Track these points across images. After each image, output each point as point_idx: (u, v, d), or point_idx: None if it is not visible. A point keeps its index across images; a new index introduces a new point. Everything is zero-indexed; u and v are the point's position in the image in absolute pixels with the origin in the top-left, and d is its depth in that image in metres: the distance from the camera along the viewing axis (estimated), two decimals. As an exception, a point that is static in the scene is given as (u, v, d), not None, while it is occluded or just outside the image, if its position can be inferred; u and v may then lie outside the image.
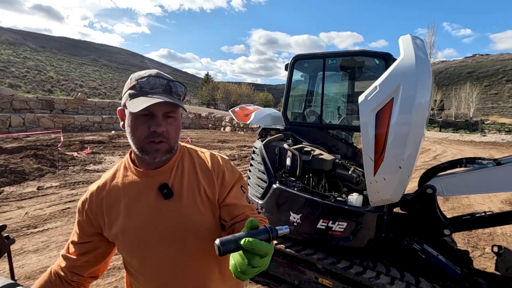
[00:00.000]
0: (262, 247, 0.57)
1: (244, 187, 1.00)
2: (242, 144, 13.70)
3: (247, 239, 0.57)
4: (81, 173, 6.98)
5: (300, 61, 3.19)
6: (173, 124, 0.85)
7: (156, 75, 0.83)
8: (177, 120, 0.87)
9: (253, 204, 0.99)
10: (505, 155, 7.73)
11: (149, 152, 0.83)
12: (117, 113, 0.89)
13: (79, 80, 43.60)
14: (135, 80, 0.83)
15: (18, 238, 3.58)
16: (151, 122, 0.81)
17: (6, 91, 16.42)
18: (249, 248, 0.57)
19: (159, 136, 0.81)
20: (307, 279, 2.34)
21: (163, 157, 0.85)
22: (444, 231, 2.13)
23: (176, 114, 0.86)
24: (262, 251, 0.57)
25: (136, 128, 0.82)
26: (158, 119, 0.81)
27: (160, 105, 0.79)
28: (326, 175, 2.68)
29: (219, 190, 0.93)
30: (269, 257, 0.60)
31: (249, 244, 0.57)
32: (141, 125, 0.81)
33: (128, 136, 0.85)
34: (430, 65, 1.71)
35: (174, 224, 0.87)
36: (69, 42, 77.22)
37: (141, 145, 0.83)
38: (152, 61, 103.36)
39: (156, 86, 0.82)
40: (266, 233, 0.62)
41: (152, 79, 0.82)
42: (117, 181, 0.92)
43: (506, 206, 5.79)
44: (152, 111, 0.80)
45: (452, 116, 46.09)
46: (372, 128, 1.77)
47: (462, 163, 2.26)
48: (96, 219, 0.91)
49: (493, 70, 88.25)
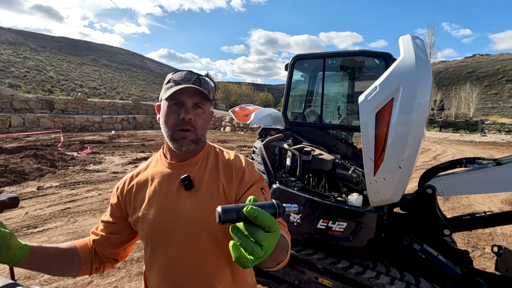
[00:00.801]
0: (266, 217, 0.53)
1: (265, 189, 0.98)
2: (242, 144, 13.70)
3: (251, 206, 0.53)
4: (81, 173, 6.98)
5: (300, 61, 3.19)
6: (201, 116, 0.92)
7: (189, 71, 0.94)
8: (205, 112, 0.94)
9: None
10: (505, 155, 7.73)
11: (177, 140, 0.90)
12: (155, 108, 1.00)
13: (79, 80, 43.59)
14: (171, 75, 0.95)
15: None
16: (180, 110, 0.89)
17: (6, 91, 16.43)
18: (252, 215, 0.52)
19: (187, 124, 0.89)
20: (307, 279, 2.34)
21: (189, 146, 0.91)
22: (444, 231, 2.13)
23: (204, 107, 0.93)
24: (266, 222, 0.52)
25: (168, 116, 0.90)
26: (187, 108, 0.89)
27: (189, 95, 0.88)
28: (326, 175, 2.68)
29: (237, 188, 0.94)
30: (274, 237, 0.55)
31: (252, 211, 0.52)
32: (172, 113, 0.90)
33: (162, 127, 0.93)
34: (430, 65, 1.71)
35: (188, 215, 0.89)
36: (69, 42, 77.20)
37: (171, 133, 0.90)
38: (152, 61, 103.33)
39: (187, 79, 0.92)
40: (273, 207, 0.57)
41: (185, 73, 0.93)
42: (148, 171, 1.00)
43: (506, 206, 5.79)
44: (182, 100, 0.89)
45: (452, 116, 46.09)
46: (372, 128, 1.76)
47: (462, 163, 2.26)
48: (125, 204, 0.99)
49: (493, 70, 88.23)
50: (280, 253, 0.74)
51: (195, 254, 0.89)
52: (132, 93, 44.83)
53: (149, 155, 9.99)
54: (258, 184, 0.97)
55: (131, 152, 10.42)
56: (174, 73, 0.95)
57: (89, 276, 2.91)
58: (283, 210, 0.59)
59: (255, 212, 0.52)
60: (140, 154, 10.06)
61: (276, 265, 0.77)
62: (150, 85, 64.30)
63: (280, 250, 0.74)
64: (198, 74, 0.95)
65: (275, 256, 0.72)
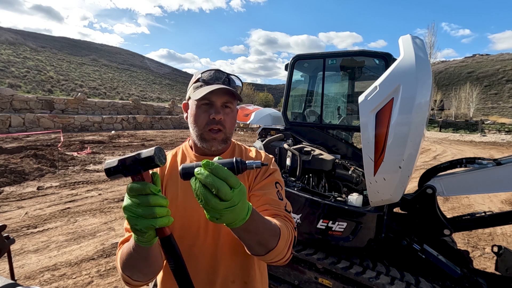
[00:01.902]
0: (220, 169, 0.55)
1: (280, 183, 0.98)
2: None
3: (207, 159, 0.56)
4: (81, 173, 6.98)
5: (300, 61, 3.19)
6: (229, 115, 0.93)
7: (217, 69, 0.95)
8: (233, 111, 0.96)
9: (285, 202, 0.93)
10: (505, 155, 7.73)
11: (207, 140, 0.91)
12: (182, 106, 1.01)
13: (79, 80, 43.57)
14: (200, 74, 0.95)
15: (18, 238, 3.58)
16: (211, 110, 0.89)
17: (6, 91, 16.43)
18: (208, 168, 0.55)
19: (217, 123, 0.89)
20: (307, 279, 2.34)
21: (219, 146, 0.93)
22: (444, 231, 2.13)
23: (232, 106, 0.94)
24: (220, 173, 0.55)
25: (198, 116, 0.91)
26: (216, 107, 0.90)
27: (219, 95, 0.89)
28: (326, 175, 2.68)
29: (253, 177, 0.96)
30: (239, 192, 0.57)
31: (208, 163, 0.55)
32: (202, 113, 0.90)
33: (190, 126, 0.94)
34: (430, 65, 1.71)
35: None
36: (69, 42, 77.17)
37: (201, 133, 0.91)
38: (152, 61, 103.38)
39: (217, 78, 0.92)
40: (231, 163, 0.59)
41: (214, 72, 0.93)
42: (177, 162, 0.99)
43: (506, 206, 5.79)
44: (212, 100, 0.89)
45: (452, 116, 46.10)
46: (372, 128, 1.76)
47: (462, 163, 2.26)
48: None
49: (493, 70, 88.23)
50: (267, 235, 0.72)
51: (227, 250, 0.90)
52: (132, 93, 44.81)
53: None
54: (274, 176, 0.98)
55: (131, 152, 10.40)
56: (203, 72, 0.95)
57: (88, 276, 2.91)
58: (243, 166, 0.60)
59: (211, 165, 0.55)
60: (140, 154, 10.05)
61: (266, 251, 0.74)
62: (150, 85, 64.29)
63: (267, 233, 0.73)
64: (226, 73, 0.96)
65: (258, 237, 0.71)
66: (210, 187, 0.54)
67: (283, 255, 0.79)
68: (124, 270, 0.76)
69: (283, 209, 0.90)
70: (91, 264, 3.12)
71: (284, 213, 0.89)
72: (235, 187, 0.56)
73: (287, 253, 0.80)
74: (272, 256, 0.76)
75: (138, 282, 0.78)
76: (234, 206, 0.57)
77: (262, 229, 0.71)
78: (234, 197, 0.56)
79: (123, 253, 0.75)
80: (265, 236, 0.72)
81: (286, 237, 0.79)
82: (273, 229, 0.75)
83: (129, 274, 0.76)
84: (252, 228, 0.67)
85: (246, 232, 0.68)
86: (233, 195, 0.56)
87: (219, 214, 0.56)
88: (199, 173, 0.55)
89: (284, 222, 0.84)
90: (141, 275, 0.76)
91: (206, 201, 0.55)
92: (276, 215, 0.86)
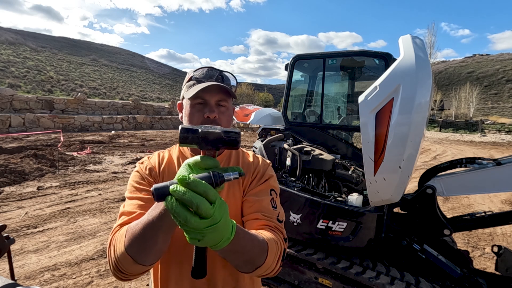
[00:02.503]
0: (198, 184, 0.50)
1: (275, 190, 0.95)
2: (242, 144, 13.71)
3: (182, 175, 0.51)
4: (81, 173, 6.98)
5: (300, 61, 3.19)
6: (225, 113, 0.91)
7: (210, 67, 0.93)
8: (228, 110, 0.93)
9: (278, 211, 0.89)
10: (505, 155, 7.73)
11: None
12: (177, 106, 0.99)
13: (79, 80, 43.55)
14: (192, 72, 0.93)
15: (18, 238, 3.58)
16: (205, 109, 0.88)
17: (6, 91, 16.43)
18: (185, 183, 0.50)
19: (212, 123, 0.86)
20: (307, 279, 2.34)
21: None
22: (444, 231, 2.13)
23: (227, 104, 0.92)
24: (199, 188, 0.50)
25: (192, 115, 0.89)
26: (210, 106, 0.88)
27: (212, 93, 0.87)
28: (326, 175, 2.68)
29: (248, 182, 0.94)
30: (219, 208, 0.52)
31: (183, 178, 0.50)
32: (196, 112, 0.88)
33: None
34: (430, 65, 1.71)
35: None
36: (69, 42, 77.14)
37: None
38: (152, 61, 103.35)
39: (210, 76, 0.90)
40: (208, 177, 0.54)
41: (206, 70, 0.92)
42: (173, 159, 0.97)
43: (506, 206, 5.79)
44: (205, 99, 0.88)
45: (452, 116, 46.10)
46: (372, 128, 1.76)
47: (462, 163, 2.26)
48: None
49: (493, 70, 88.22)
50: (254, 252, 0.69)
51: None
52: (132, 93, 44.79)
53: (149, 155, 9.99)
54: (269, 183, 0.95)
55: (131, 152, 10.42)
56: (195, 70, 0.93)
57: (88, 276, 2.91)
58: (221, 180, 0.56)
59: (186, 179, 0.50)
60: (140, 154, 10.06)
61: (253, 269, 0.72)
62: (150, 85, 64.28)
63: (255, 250, 0.69)
64: (220, 70, 0.93)
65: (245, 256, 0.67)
66: (189, 204, 0.50)
67: (272, 269, 0.77)
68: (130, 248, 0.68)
69: (275, 219, 0.87)
70: (91, 264, 3.12)
71: (276, 223, 0.86)
72: (214, 201, 0.52)
73: (275, 267, 0.78)
74: (260, 272, 0.74)
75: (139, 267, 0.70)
76: (216, 223, 0.52)
77: (249, 247, 0.67)
78: (215, 213, 0.51)
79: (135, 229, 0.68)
80: (252, 255, 0.69)
81: (275, 251, 0.76)
82: (260, 245, 0.71)
83: (136, 253, 0.68)
84: (239, 247, 0.63)
85: (232, 253, 0.64)
86: (214, 210, 0.51)
87: (201, 234, 0.51)
88: (175, 190, 0.50)
89: (274, 234, 0.81)
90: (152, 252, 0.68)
91: (186, 220, 0.49)
92: (266, 225, 0.83)
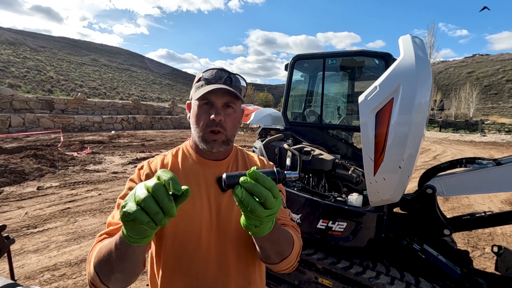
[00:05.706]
0: (266, 179, 0.58)
1: (282, 191, 0.99)
2: (242, 144, 13.70)
3: (253, 169, 0.58)
4: (81, 173, 6.98)
5: (300, 61, 3.19)
6: (231, 116, 0.90)
7: (220, 68, 0.92)
8: (236, 112, 0.92)
9: (288, 211, 0.96)
10: (505, 155, 7.73)
11: (208, 142, 0.88)
12: (186, 106, 0.98)
13: (79, 80, 43.55)
14: (201, 73, 0.92)
15: (18, 238, 3.58)
16: (211, 111, 0.87)
17: (6, 91, 16.43)
18: (254, 177, 0.57)
19: (217, 125, 0.86)
20: (307, 279, 2.34)
21: (220, 148, 0.89)
22: (444, 231, 2.13)
23: (235, 106, 0.90)
24: (266, 183, 0.58)
25: (199, 116, 0.88)
26: (217, 108, 0.87)
27: (219, 95, 0.86)
28: (326, 175, 2.68)
29: None
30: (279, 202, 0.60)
31: (253, 173, 0.57)
32: (203, 113, 0.87)
33: (192, 126, 0.91)
34: (430, 65, 1.71)
35: (225, 217, 0.88)
36: (69, 42, 77.13)
37: (202, 134, 0.88)
38: (152, 61, 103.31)
39: (219, 77, 0.89)
40: (273, 174, 0.63)
41: (216, 71, 0.90)
42: (177, 164, 0.94)
43: (506, 206, 5.79)
44: (212, 100, 0.86)
45: (452, 116, 46.10)
46: (372, 128, 1.76)
47: (462, 163, 2.26)
48: None
49: (493, 70, 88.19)
50: (283, 244, 0.76)
51: (233, 254, 0.88)
52: (132, 93, 44.80)
53: (149, 155, 9.99)
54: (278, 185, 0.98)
55: (131, 152, 10.42)
56: (205, 71, 0.92)
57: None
58: (283, 176, 0.64)
59: (256, 174, 0.57)
60: (140, 154, 10.06)
61: (280, 260, 0.78)
62: (150, 85, 64.27)
63: (284, 242, 0.77)
64: (229, 72, 0.93)
65: (278, 246, 0.75)
66: (258, 196, 0.57)
67: (293, 263, 0.83)
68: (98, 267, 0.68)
69: (289, 218, 0.93)
70: (91, 264, 3.12)
71: (291, 222, 0.92)
72: (277, 196, 0.59)
73: (295, 261, 0.83)
74: (284, 264, 0.80)
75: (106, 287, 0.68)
76: (274, 214, 0.60)
77: (282, 238, 0.75)
78: (276, 206, 0.59)
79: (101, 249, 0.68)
80: (283, 246, 0.77)
81: (297, 246, 0.84)
82: (289, 238, 0.79)
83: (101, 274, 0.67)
84: (275, 237, 0.71)
85: (269, 241, 0.72)
86: (276, 204, 0.59)
87: (260, 222, 0.60)
88: (246, 182, 0.57)
89: (293, 231, 0.88)
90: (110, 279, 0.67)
91: (253, 209, 0.57)
92: (284, 224, 0.89)
